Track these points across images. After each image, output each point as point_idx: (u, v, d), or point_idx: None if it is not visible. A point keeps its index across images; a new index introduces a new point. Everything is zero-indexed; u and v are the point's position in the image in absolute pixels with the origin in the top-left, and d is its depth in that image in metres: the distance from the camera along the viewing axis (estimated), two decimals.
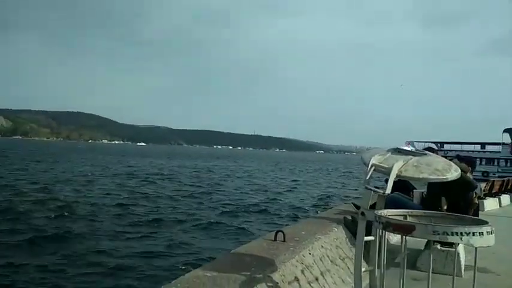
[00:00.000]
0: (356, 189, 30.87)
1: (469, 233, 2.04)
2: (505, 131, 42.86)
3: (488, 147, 51.95)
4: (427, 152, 2.76)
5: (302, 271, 3.40)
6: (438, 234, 2.05)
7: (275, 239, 3.94)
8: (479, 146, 54.94)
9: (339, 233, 4.73)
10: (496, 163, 47.77)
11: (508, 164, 45.63)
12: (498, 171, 42.44)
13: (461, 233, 2.03)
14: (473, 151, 53.47)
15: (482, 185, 11.86)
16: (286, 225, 6.10)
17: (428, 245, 4.88)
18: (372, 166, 2.62)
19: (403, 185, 5.33)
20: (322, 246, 4.11)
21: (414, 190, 5.59)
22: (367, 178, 2.62)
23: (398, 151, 2.75)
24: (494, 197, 11.79)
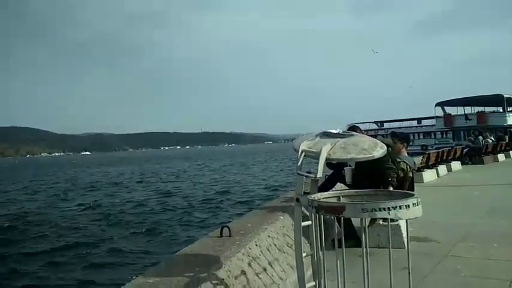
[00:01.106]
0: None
1: (396, 207, 2.10)
2: (437, 104, 45.34)
3: (424, 122, 54.91)
4: (353, 132, 2.82)
5: (249, 264, 3.39)
6: (367, 211, 2.10)
7: (221, 235, 3.90)
8: (416, 121, 57.97)
9: (285, 220, 4.77)
10: (432, 136, 50.53)
11: (444, 135, 48.34)
12: (435, 143, 44.86)
13: (388, 208, 2.09)
14: (410, 127, 56.35)
15: (419, 158, 12.52)
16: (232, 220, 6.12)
17: (372, 221, 5.08)
18: (302, 152, 2.64)
19: (339, 166, 5.40)
20: (269, 236, 4.12)
21: (345, 168, 5.63)
22: (299, 164, 2.64)
23: (326, 135, 2.79)
24: (432, 168, 12.46)
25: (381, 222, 4.98)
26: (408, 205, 2.14)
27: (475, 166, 16.27)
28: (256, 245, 3.78)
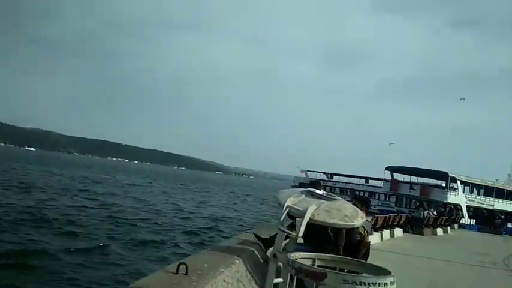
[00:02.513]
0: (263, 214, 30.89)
1: (376, 283, 2.13)
2: (387, 168, 47.29)
3: (371, 182, 56.75)
4: (336, 196, 2.87)
5: None
6: (348, 283, 2.11)
7: (177, 272, 3.75)
8: (364, 180, 59.84)
9: (240, 265, 4.67)
10: (377, 197, 52.16)
11: (387, 199, 50.08)
12: (378, 205, 46.28)
13: (368, 284, 2.12)
14: (358, 184, 58.10)
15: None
16: (188, 255, 5.82)
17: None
18: (286, 207, 2.64)
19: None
20: (224, 280, 4.00)
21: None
22: (281, 219, 2.63)
23: (311, 194, 2.82)
24: (377, 231, 12.80)
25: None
26: (386, 283, 2.18)
27: (415, 236, 16.89)
28: None
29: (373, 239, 12.00)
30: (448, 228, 21.16)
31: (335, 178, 61.62)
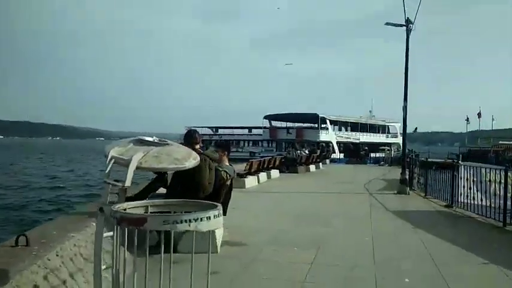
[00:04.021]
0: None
1: (197, 219, 2.16)
2: (265, 117, 49.60)
3: (254, 131, 58.98)
4: (169, 141, 2.81)
5: (45, 277, 3.06)
6: (169, 223, 2.10)
7: (16, 244, 3.45)
8: (247, 129, 61.88)
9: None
10: (260, 144, 54.55)
11: (270, 145, 52.69)
12: (262, 151, 48.49)
13: (189, 220, 2.13)
14: (242, 134, 59.95)
15: (242, 165, 13.37)
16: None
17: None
18: (111, 158, 2.51)
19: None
20: (75, 245, 3.81)
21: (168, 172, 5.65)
22: (107, 171, 2.50)
23: (140, 142, 2.72)
24: (254, 175, 13.42)
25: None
26: (209, 217, 2.22)
27: (291, 175, 18.15)
28: (58, 255, 3.44)
29: (250, 182, 12.60)
30: (320, 164, 23.10)
31: (220, 131, 62.56)
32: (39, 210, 16.84)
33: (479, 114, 57.08)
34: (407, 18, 12.32)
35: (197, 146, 5.25)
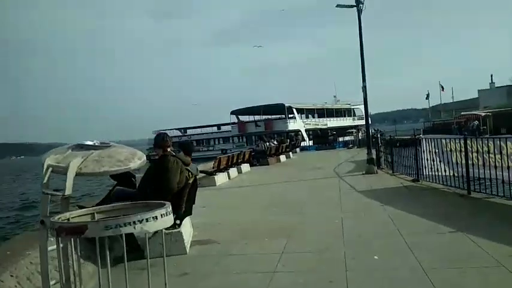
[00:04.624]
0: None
1: (142, 219, 2.06)
2: (232, 112, 49.45)
3: (223, 128, 58.69)
4: (111, 143, 2.68)
5: None
6: (111, 228, 1.99)
7: None
8: (216, 127, 61.53)
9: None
10: (231, 140, 54.36)
11: (240, 140, 52.57)
12: (233, 147, 48.34)
13: (134, 222, 2.03)
14: (211, 132, 59.57)
15: (212, 163, 13.23)
16: None
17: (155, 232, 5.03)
18: (48, 167, 2.37)
19: (124, 175, 5.24)
20: (31, 263, 3.63)
21: (136, 176, 5.57)
22: (44, 182, 2.35)
23: (80, 147, 2.57)
24: (224, 171, 13.29)
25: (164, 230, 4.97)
26: (156, 216, 2.12)
27: (262, 167, 18.15)
28: (12, 276, 3.27)
29: (220, 179, 12.48)
30: (291, 153, 23.22)
31: (189, 131, 61.93)
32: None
33: (442, 88, 58.64)
34: None
35: (168, 149, 5.20)
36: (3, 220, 19.21)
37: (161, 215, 2.15)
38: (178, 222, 4.88)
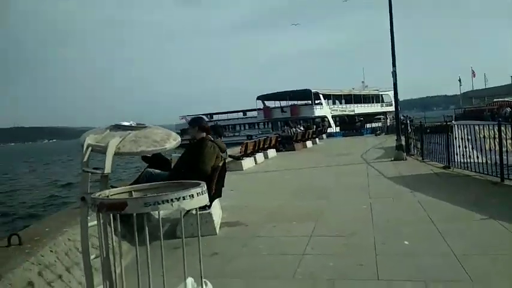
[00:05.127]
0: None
1: (179, 198, 2.10)
2: (258, 98, 49.33)
3: (249, 113, 58.74)
4: (147, 124, 2.73)
5: (39, 273, 3.04)
6: (150, 205, 2.04)
7: (9, 244, 3.42)
8: (242, 113, 61.65)
9: (94, 218, 4.45)
10: (256, 126, 54.41)
11: (266, 126, 52.52)
12: (259, 133, 48.38)
13: (171, 200, 2.08)
14: (237, 118, 59.74)
15: (238, 148, 13.32)
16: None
17: (186, 212, 5.15)
18: (88, 147, 2.44)
19: (155, 157, 5.38)
20: (69, 239, 3.78)
21: (173, 155, 5.74)
22: (85, 160, 2.43)
23: (117, 127, 2.64)
24: (250, 156, 13.37)
25: (193, 211, 5.07)
26: (192, 195, 2.17)
27: (288, 152, 18.15)
28: (52, 251, 3.42)
29: (247, 163, 12.58)
30: (317, 139, 23.09)
31: (215, 117, 62.32)
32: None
33: (473, 74, 56.76)
34: None
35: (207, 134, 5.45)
36: (39, 200, 20.05)
37: (197, 194, 2.19)
38: (208, 203, 4.97)
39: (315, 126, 25.12)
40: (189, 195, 2.16)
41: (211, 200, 5.06)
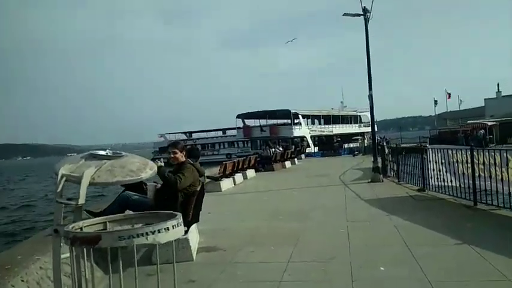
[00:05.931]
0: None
1: (154, 231, 2.09)
2: (238, 116, 49.52)
3: (229, 132, 58.77)
4: (123, 153, 2.72)
5: None
6: (124, 239, 2.02)
7: None
8: (221, 131, 61.63)
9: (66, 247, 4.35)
10: (236, 145, 54.38)
11: (245, 145, 52.57)
12: (238, 152, 48.33)
13: (146, 233, 2.06)
14: (216, 137, 59.66)
15: (216, 169, 13.26)
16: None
17: None
18: (62, 176, 2.41)
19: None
20: (41, 267, 3.68)
21: (148, 184, 5.66)
22: (58, 191, 2.40)
23: (93, 156, 2.62)
24: (229, 177, 13.32)
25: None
26: (167, 228, 2.16)
27: (267, 173, 18.18)
28: (23, 281, 3.33)
29: (226, 184, 12.51)
30: (296, 159, 23.22)
31: (194, 136, 62.06)
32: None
33: (448, 95, 58.34)
34: (364, 7, 12.47)
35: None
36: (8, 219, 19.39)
37: (173, 226, 2.18)
38: (185, 229, 4.92)
39: (293, 146, 25.28)
40: (165, 228, 2.15)
41: (188, 226, 5.01)
